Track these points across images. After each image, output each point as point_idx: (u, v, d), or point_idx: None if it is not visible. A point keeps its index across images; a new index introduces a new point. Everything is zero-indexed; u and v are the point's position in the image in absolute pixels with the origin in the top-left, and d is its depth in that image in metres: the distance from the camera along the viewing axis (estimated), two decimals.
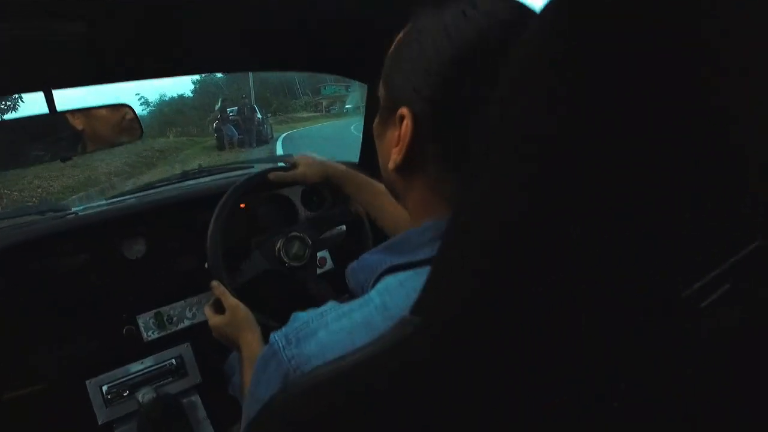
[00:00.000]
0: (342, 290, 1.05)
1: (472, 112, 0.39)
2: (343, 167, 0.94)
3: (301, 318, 0.44)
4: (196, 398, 1.13)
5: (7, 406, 0.99)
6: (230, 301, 0.82)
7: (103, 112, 1.00)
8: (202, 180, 1.29)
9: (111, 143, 1.12)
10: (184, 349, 1.15)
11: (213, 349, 1.11)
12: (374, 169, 1.27)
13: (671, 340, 0.28)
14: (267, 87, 25.74)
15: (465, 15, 0.39)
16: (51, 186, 8.91)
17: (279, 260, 0.96)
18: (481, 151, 0.27)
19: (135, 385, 1.08)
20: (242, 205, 1.02)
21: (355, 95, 25.51)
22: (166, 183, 1.28)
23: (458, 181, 0.42)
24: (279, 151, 11.01)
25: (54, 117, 0.83)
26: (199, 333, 1.15)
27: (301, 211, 1.03)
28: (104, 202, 1.23)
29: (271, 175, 0.95)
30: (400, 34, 0.45)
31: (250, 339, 0.76)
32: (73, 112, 0.88)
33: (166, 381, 1.12)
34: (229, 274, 0.90)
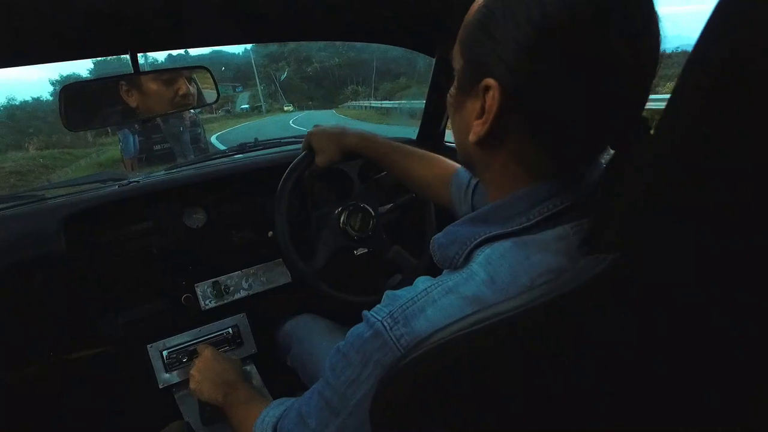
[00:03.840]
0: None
1: (560, 83, 0.37)
2: (357, 135, 0.88)
3: (401, 296, 0.43)
4: (251, 368, 1.14)
5: (74, 365, 1.02)
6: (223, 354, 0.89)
7: (172, 76, 0.97)
8: (258, 153, 1.29)
9: (166, 111, 1.09)
10: (240, 319, 1.16)
11: (268, 321, 1.12)
12: (434, 144, 1.27)
13: None
14: None
15: None
16: None
17: (345, 234, 0.95)
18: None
19: (193, 352, 1.10)
20: None
21: (245, 95, 25.50)
22: (221, 155, 1.29)
23: (543, 152, 0.41)
24: None
25: (136, 78, 0.84)
26: (255, 304, 1.16)
27: (357, 185, 1.02)
28: (163, 173, 1.24)
29: (306, 170, 0.92)
30: (480, 2, 0.42)
31: (243, 384, 0.78)
32: (152, 73, 0.87)
33: (222, 349, 1.13)
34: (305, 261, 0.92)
